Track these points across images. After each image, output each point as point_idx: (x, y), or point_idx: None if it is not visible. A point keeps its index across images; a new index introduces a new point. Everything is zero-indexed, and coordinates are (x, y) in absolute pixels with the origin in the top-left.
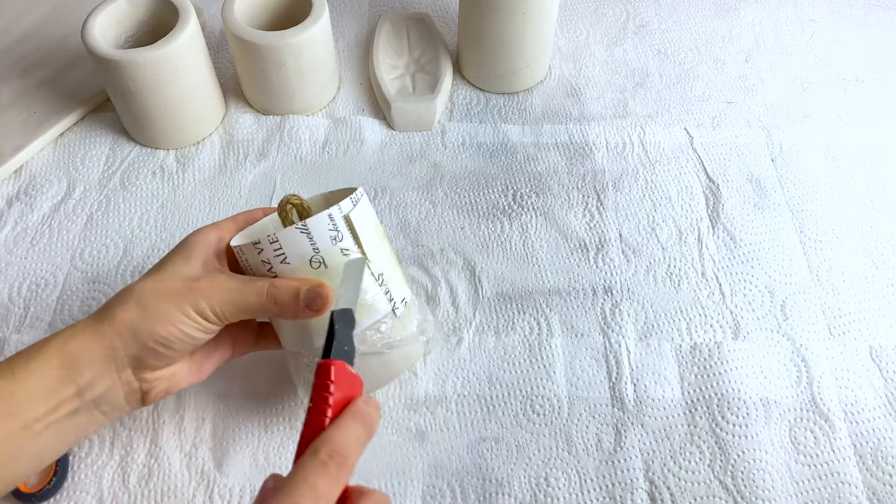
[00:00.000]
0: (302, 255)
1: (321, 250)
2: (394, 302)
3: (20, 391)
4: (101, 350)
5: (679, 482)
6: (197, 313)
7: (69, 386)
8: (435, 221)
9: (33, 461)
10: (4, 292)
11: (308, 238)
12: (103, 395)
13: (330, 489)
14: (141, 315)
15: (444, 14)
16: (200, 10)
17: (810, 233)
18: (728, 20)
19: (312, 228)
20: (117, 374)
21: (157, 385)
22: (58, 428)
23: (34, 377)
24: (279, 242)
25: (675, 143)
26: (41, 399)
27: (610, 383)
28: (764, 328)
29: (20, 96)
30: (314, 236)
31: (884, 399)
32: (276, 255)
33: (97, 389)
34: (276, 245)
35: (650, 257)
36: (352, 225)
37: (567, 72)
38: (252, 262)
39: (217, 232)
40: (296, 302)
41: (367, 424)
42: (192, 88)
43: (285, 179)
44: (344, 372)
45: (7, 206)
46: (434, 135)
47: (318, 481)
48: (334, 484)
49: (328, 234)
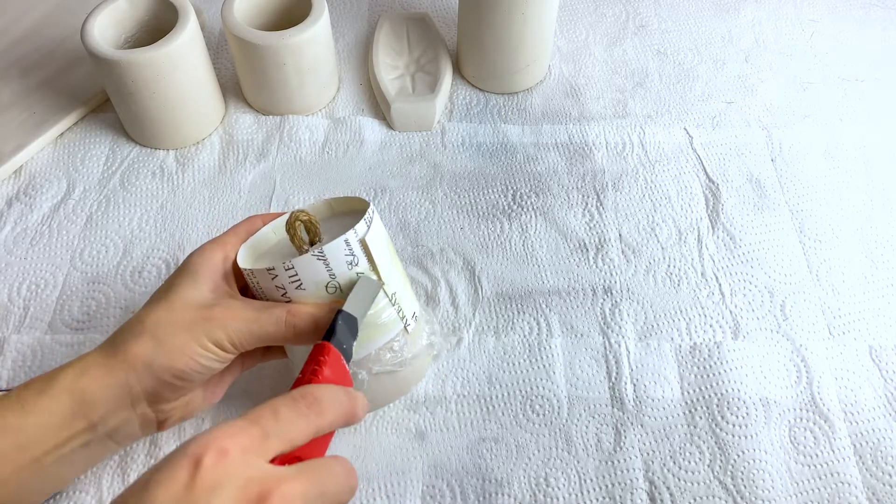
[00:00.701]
0: (318, 281)
1: (337, 276)
2: (405, 319)
3: (30, 426)
4: (115, 386)
5: (679, 482)
6: (214, 344)
7: (81, 421)
8: (435, 221)
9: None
10: (4, 292)
11: (325, 265)
12: (117, 428)
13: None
14: (155, 349)
15: (444, 14)
16: (200, 10)
17: (810, 233)
18: (728, 20)
19: (329, 255)
20: (132, 408)
21: (174, 414)
22: (69, 459)
23: (44, 412)
24: (295, 269)
25: (674, 143)
26: (52, 434)
27: (610, 383)
28: (764, 328)
29: (20, 96)
30: (331, 263)
31: (884, 399)
32: (291, 281)
33: (110, 423)
34: (292, 272)
35: (650, 257)
36: (367, 249)
37: (567, 72)
38: (265, 287)
39: (221, 250)
40: (314, 330)
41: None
42: (191, 88)
43: (285, 179)
44: (338, 361)
45: (7, 206)
46: (434, 135)
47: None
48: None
49: (344, 260)
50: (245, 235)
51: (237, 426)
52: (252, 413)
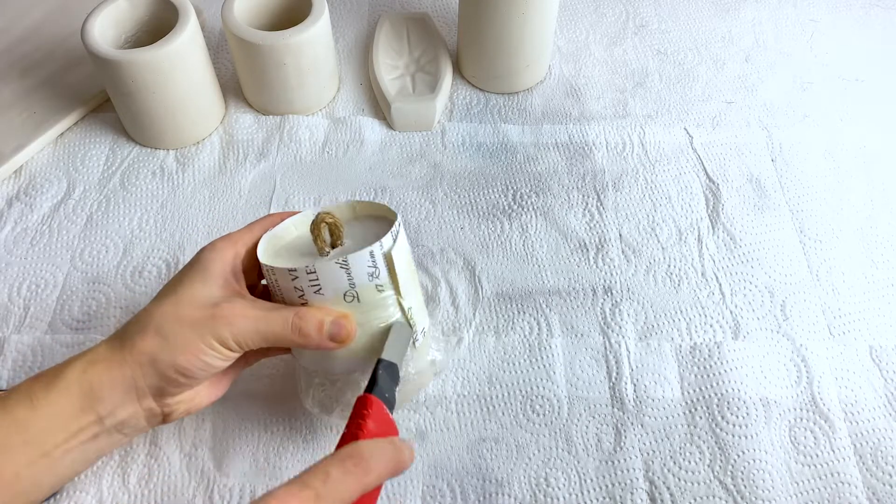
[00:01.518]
0: (337, 288)
1: (357, 286)
2: (415, 334)
3: (40, 420)
4: (122, 379)
5: (679, 482)
6: (219, 342)
7: (89, 414)
8: (435, 221)
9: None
10: (4, 292)
11: (347, 274)
12: (125, 421)
13: (343, 480)
14: (161, 345)
15: (444, 14)
16: (200, 10)
17: (810, 233)
18: (728, 20)
19: (353, 264)
20: (138, 402)
21: (178, 408)
22: (78, 452)
23: (53, 406)
24: (316, 274)
25: (674, 143)
26: (61, 427)
27: (610, 383)
28: (764, 328)
29: (20, 96)
30: (353, 272)
31: (884, 399)
32: (310, 284)
33: (118, 416)
34: (314, 276)
35: (650, 257)
36: (391, 262)
37: (567, 72)
38: (283, 286)
39: (233, 247)
40: (319, 334)
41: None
42: (191, 88)
43: (285, 180)
44: (381, 411)
45: (7, 206)
46: (434, 135)
47: (331, 469)
48: (349, 477)
49: (366, 271)
50: (261, 233)
51: (291, 491)
52: (304, 476)
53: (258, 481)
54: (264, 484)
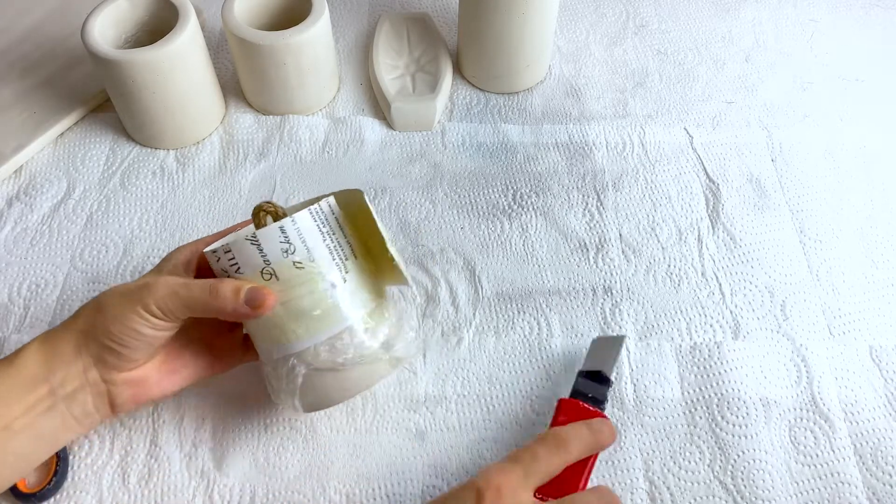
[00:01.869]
0: (253, 265)
1: (272, 262)
2: (349, 318)
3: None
4: (71, 349)
5: (679, 482)
6: (144, 309)
7: (43, 385)
8: (435, 221)
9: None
10: (4, 292)
11: (258, 249)
12: (73, 395)
13: (546, 457)
14: (97, 314)
15: (444, 14)
16: (200, 10)
17: (810, 233)
18: (728, 20)
19: (262, 240)
20: (84, 374)
21: (124, 391)
22: (35, 428)
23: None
24: (232, 252)
25: (675, 142)
26: (17, 399)
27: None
28: (764, 328)
29: (20, 96)
30: (264, 248)
31: (884, 399)
32: (230, 264)
33: (67, 388)
34: (230, 255)
35: (650, 257)
36: (304, 238)
37: (567, 72)
38: (215, 270)
39: (194, 246)
40: (235, 297)
41: (593, 430)
42: (191, 88)
43: (285, 179)
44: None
45: (7, 206)
46: (434, 135)
47: (538, 449)
48: (551, 455)
49: (279, 247)
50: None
51: (505, 468)
52: (515, 454)
53: (258, 481)
54: (264, 484)
